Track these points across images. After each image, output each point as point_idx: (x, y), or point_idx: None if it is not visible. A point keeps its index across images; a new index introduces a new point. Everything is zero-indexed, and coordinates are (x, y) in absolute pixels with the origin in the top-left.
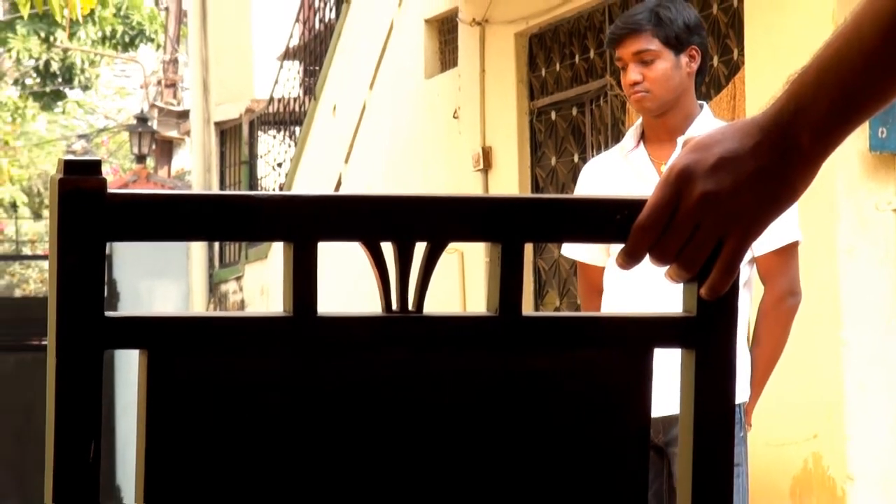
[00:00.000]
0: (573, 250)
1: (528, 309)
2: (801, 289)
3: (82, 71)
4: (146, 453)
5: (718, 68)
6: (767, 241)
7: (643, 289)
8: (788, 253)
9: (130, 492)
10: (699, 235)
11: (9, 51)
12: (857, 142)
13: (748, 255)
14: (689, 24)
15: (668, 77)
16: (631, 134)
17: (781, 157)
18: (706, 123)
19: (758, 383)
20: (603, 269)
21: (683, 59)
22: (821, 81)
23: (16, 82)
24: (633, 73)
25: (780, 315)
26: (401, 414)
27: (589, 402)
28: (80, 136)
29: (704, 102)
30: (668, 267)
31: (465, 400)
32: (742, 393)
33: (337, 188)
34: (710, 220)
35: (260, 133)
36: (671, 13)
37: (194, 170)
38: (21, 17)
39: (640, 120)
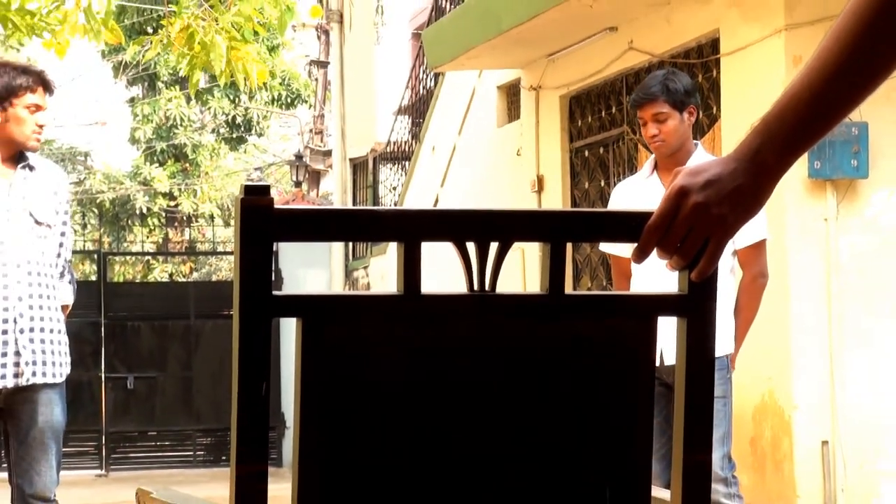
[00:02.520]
0: (608, 246)
1: (568, 289)
2: (768, 272)
3: (258, 123)
4: (301, 389)
5: (702, 120)
6: (746, 238)
7: (653, 275)
8: (760, 247)
9: (291, 416)
10: (692, 235)
11: (208, 109)
12: (799, 171)
13: (731, 249)
14: (687, 90)
15: (676, 130)
16: (647, 165)
17: (753, 178)
18: (701, 157)
19: (739, 339)
20: (629, 259)
21: (685, 115)
22: (783, 116)
23: (213, 131)
24: (651, 129)
25: (754, 291)
26: (480, 362)
27: (612, 354)
28: (256, 169)
29: (698, 142)
30: (669, 259)
31: (524, 353)
32: (729, 346)
33: (435, 205)
34: (699, 224)
35: (380, 166)
36: (676, 84)
37: (335, 192)
38: (217, 86)
39: (653, 156)
